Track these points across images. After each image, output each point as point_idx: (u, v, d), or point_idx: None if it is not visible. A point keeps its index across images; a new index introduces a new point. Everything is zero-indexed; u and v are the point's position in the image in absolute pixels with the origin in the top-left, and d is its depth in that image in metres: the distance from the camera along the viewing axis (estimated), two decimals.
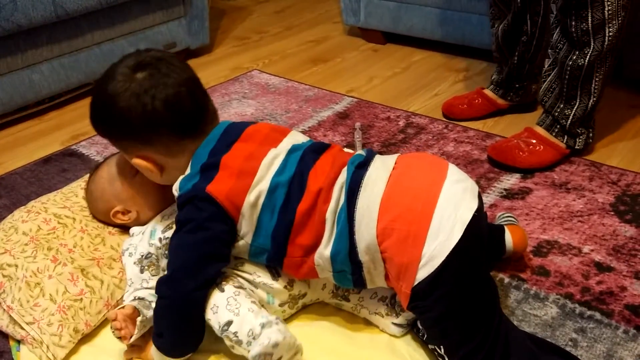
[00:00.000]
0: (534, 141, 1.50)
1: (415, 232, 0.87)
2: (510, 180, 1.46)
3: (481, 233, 0.91)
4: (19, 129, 1.84)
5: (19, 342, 1.05)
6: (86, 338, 1.05)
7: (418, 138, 1.67)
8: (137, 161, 0.99)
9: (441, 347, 0.92)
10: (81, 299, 1.04)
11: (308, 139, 1.05)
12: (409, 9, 2.17)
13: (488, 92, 1.76)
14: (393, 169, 0.94)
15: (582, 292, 1.12)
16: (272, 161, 0.96)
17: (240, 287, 0.98)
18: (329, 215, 0.92)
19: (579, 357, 0.95)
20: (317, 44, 2.42)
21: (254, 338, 0.89)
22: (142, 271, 1.07)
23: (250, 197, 0.93)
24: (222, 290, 0.95)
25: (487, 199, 1.39)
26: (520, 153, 1.49)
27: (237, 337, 0.91)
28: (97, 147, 1.69)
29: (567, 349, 0.99)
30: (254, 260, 1.00)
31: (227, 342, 0.93)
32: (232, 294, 0.94)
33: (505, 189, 1.43)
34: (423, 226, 0.87)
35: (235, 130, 1.01)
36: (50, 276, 1.06)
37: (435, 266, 0.85)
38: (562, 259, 1.20)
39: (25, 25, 1.70)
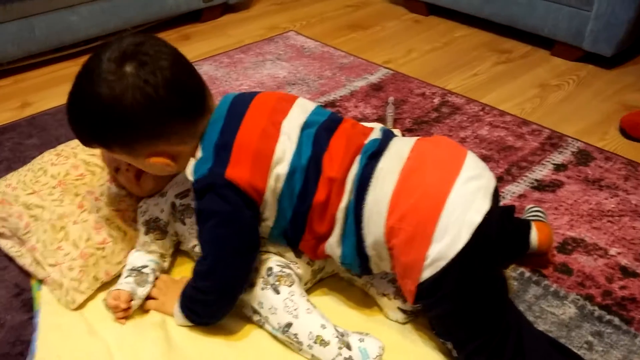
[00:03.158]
0: None
1: (421, 233, 0.85)
2: (543, 172, 1.42)
3: (491, 234, 0.87)
4: (53, 69, 1.84)
5: (40, 281, 1.07)
6: (105, 287, 1.06)
7: (452, 118, 1.63)
8: (152, 160, 0.92)
9: (449, 342, 0.93)
10: (103, 248, 1.06)
11: (316, 105, 1.00)
12: None
13: None
14: (407, 159, 0.90)
15: (604, 295, 1.10)
16: (287, 141, 0.92)
17: (284, 266, 0.99)
18: (339, 212, 0.92)
19: None
20: (357, 8, 2.37)
21: (314, 340, 0.92)
22: (146, 233, 1.08)
23: (271, 182, 0.91)
24: (277, 292, 0.95)
25: (517, 189, 1.36)
26: None
27: (297, 338, 0.93)
28: None
29: (582, 352, 0.98)
30: (274, 241, 1.01)
31: (287, 341, 0.95)
32: (288, 294, 0.95)
33: (536, 180, 1.39)
34: (429, 228, 0.84)
35: (241, 104, 0.95)
36: (75, 222, 1.07)
37: (439, 267, 0.84)
38: (586, 259, 1.17)
39: None
